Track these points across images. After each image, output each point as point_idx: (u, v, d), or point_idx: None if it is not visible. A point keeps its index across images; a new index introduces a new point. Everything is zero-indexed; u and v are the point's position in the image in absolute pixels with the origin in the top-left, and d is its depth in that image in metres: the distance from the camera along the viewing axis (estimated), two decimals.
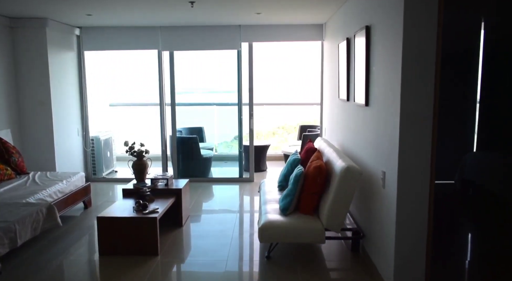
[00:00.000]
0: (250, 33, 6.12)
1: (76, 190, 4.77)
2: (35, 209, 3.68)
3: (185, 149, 6.68)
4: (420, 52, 2.58)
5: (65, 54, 5.92)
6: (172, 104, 6.39)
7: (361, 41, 3.55)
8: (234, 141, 8.75)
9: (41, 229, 3.72)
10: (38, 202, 3.86)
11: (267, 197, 4.16)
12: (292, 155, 4.55)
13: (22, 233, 3.45)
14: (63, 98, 5.84)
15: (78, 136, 6.26)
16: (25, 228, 3.51)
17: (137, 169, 4.58)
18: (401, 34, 2.58)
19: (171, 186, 4.49)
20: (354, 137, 4.00)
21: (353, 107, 3.97)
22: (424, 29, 2.56)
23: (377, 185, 3.16)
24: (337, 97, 4.89)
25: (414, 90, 2.61)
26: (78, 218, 4.78)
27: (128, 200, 4.19)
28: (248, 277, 3.38)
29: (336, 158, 3.64)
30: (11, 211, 3.58)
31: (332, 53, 5.32)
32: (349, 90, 4.21)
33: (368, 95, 3.41)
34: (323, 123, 6.26)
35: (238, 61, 6.28)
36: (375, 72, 3.22)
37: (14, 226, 3.36)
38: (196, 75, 7.46)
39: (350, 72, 4.14)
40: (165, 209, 3.90)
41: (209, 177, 6.83)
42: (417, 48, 2.58)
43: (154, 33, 6.15)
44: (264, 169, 7.27)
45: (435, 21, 2.54)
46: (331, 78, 5.38)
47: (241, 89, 6.37)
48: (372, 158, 3.33)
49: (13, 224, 3.36)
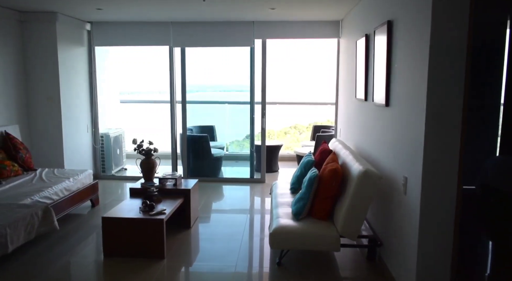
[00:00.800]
0: (263, 29, 5.94)
1: (83, 188, 4.65)
2: (29, 211, 3.42)
3: (196, 147, 6.53)
4: (449, 48, 2.38)
5: (75, 49, 5.82)
6: (182, 102, 6.25)
7: (382, 37, 3.34)
8: (245, 140, 8.60)
9: (36, 233, 3.46)
10: (33, 204, 3.63)
11: (279, 200, 3.99)
12: (306, 156, 4.36)
13: (14, 238, 3.20)
14: (73, 94, 5.74)
15: (87, 133, 6.16)
16: (18, 232, 3.25)
17: (145, 167, 4.44)
18: (429, 29, 2.38)
19: (179, 186, 4.34)
20: (372, 140, 3.80)
21: (372, 107, 3.77)
22: (454, 24, 2.36)
23: (398, 191, 2.96)
24: (353, 97, 4.69)
25: (442, 89, 2.41)
26: (84, 217, 4.67)
27: (135, 199, 4.06)
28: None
29: (352, 161, 3.44)
30: (3, 213, 3.32)
31: (349, 51, 5.11)
32: (367, 90, 4.01)
33: (389, 95, 3.21)
34: (338, 124, 6.05)
35: (251, 59, 6.10)
36: (397, 70, 3.02)
37: (5, 230, 3.11)
38: (208, 72, 7.30)
39: (369, 70, 3.93)
40: (172, 210, 3.75)
41: (219, 177, 6.68)
42: (446, 43, 2.38)
43: (165, 29, 6.01)
44: (276, 169, 7.09)
45: (466, 14, 2.33)
46: (347, 77, 5.17)
47: (253, 88, 6.19)
48: (392, 162, 3.12)
49: (4, 228, 3.10)
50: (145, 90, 10.10)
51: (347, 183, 3.29)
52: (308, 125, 10.32)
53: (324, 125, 7.89)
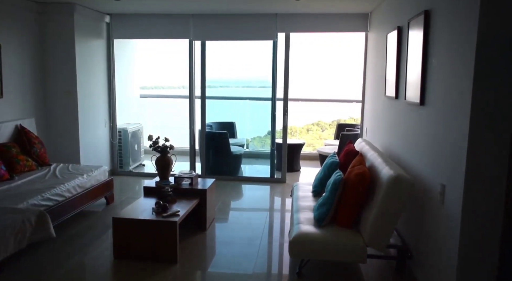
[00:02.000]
0: (287, 22, 5.67)
1: (98, 185, 4.51)
2: (20, 217, 3.08)
3: (215, 144, 6.33)
4: (500, 40, 2.06)
5: (94, 42, 5.68)
6: (202, 98, 6.05)
7: (417, 29, 3.03)
8: (267, 136, 8.35)
9: (28, 241, 3.12)
10: (27, 209, 3.30)
11: (300, 203, 3.73)
12: (330, 157, 4.09)
13: (2, 247, 2.89)
14: (90, 88, 5.61)
15: (105, 128, 6.04)
16: (5, 241, 2.92)
17: (161, 165, 4.25)
18: (476, 18, 2.07)
19: (195, 185, 4.14)
20: (403, 141, 3.49)
21: (404, 106, 3.46)
22: (506, 12, 2.04)
23: (434, 199, 2.65)
24: (382, 94, 4.37)
25: (490, 87, 2.10)
26: (98, 215, 4.53)
27: (149, 199, 3.88)
28: None
29: (381, 164, 3.15)
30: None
31: (378, 45, 4.78)
32: (398, 87, 3.69)
33: (424, 93, 2.90)
34: (364, 122, 5.73)
35: (274, 53, 5.84)
36: (435, 66, 2.71)
37: None
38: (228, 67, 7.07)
39: (401, 66, 3.62)
40: (186, 212, 3.55)
41: (238, 175, 6.46)
42: (496, 35, 2.07)
43: (185, 22, 5.81)
44: (298, 169, 6.82)
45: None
46: (376, 73, 4.85)
47: (275, 84, 5.93)
48: (427, 167, 2.82)
49: None
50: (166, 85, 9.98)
51: (376, 189, 3.01)
52: (331, 123, 10.01)
53: (348, 124, 7.56)
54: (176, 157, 4.38)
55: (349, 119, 9.95)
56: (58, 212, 3.74)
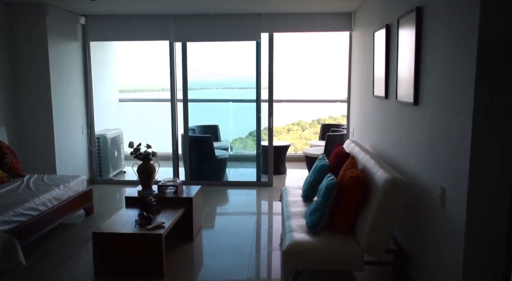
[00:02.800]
0: (270, 22, 5.52)
1: (75, 196, 4.26)
2: None
3: (198, 149, 6.13)
4: (502, 37, 1.96)
5: (69, 45, 5.41)
6: (184, 101, 5.85)
7: (409, 26, 2.93)
8: (249, 137, 8.20)
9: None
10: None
11: (291, 209, 3.58)
12: (319, 159, 3.95)
13: None
14: (66, 93, 5.34)
15: (82, 135, 5.77)
16: None
17: (143, 173, 4.04)
18: (478, 11, 1.97)
19: (180, 194, 3.94)
20: (395, 143, 3.38)
21: (395, 106, 3.36)
22: (507, 7, 1.94)
23: (432, 202, 2.55)
24: (370, 94, 4.27)
25: (494, 85, 2.00)
26: (77, 227, 4.28)
27: (132, 210, 3.67)
28: None
29: (375, 167, 3.03)
30: None
31: (364, 44, 4.69)
32: (388, 86, 3.59)
33: (418, 92, 2.79)
34: (351, 122, 5.63)
35: (257, 54, 5.69)
36: (429, 64, 2.61)
37: None
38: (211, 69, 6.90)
39: (390, 65, 3.52)
40: (172, 223, 3.36)
41: (224, 180, 6.28)
42: (498, 31, 1.96)
43: (165, 22, 5.61)
44: (284, 171, 6.68)
45: None
46: (363, 72, 4.75)
47: (260, 85, 5.78)
48: (424, 169, 2.71)
49: None
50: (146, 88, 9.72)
51: (370, 192, 2.89)
52: (311, 122, 9.96)
53: (333, 124, 7.48)
54: (159, 163, 4.18)
55: (328, 119, 9.94)
56: (32, 227, 3.49)
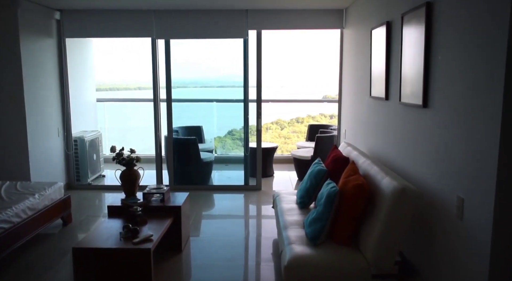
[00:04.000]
0: (258, 19, 5.29)
1: (52, 205, 3.93)
2: None
3: (183, 152, 5.84)
4: None
5: (42, 42, 5.04)
6: (168, 101, 5.55)
7: (416, 23, 2.74)
8: (228, 136, 7.94)
9: None
10: None
11: (287, 218, 3.36)
12: (315, 164, 3.75)
13: None
14: (40, 93, 4.96)
15: (58, 138, 5.40)
16: None
17: (126, 180, 3.75)
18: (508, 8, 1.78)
19: (168, 202, 3.67)
20: (400, 148, 3.20)
21: (398, 108, 3.17)
22: None
23: (447, 214, 2.36)
24: (366, 94, 4.09)
25: None
26: (54, 238, 3.95)
27: (115, 220, 3.37)
28: None
29: (379, 173, 2.84)
30: None
31: (358, 43, 4.51)
32: (388, 87, 3.41)
33: (428, 94, 2.61)
34: (342, 124, 5.46)
35: (245, 52, 5.44)
36: (442, 64, 2.42)
37: None
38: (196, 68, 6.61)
39: (392, 64, 3.34)
40: (160, 236, 3.08)
41: (209, 184, 6.01)
42: None
43: (147, 18, 5.29)
44: (271, 174, 6.47)
45: None
46: (357, 72, 4.57)
47: (247, 84, 5.54)
48: (435, 177, 2.53)
49: None
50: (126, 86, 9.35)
51: (376, 201, 2.70)
52: (290, 121, 9.85)
53: (321, 125, 7.29)
54: (144, 170, 3.89)
55: (307, 117, 9.87)
56: (4, 241, 3.16)
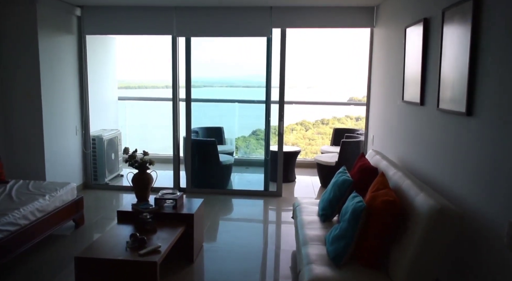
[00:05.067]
0: (282, 17, 5.02)
1: (63, 207, 3.79)
2: None
3: (202, 154, 5.65)
4: None
5: (62, 38, 4.93)
6: (187, 101, 5.36)
7: (461, 20, 2.42)
8: (252, 136, 7.71)
9: None
10: None
11: (307, 232, 3.08)
12: (340, 173, 3.46)
13: None
14: (58, 90, 4.86)
15: (76, 136, 5.29)
16: None
17: (138, 184, 3.57)
18: None
19: (180, 209, 3.46)
20: (435, 159, 2.88)
21: (436, 115, 2.85)
22: None
23: (494, 241, 2.04)
24: (398, 98, 3.77)
25: None
26: (65, 241, 3.81)
27: (124, 226, 3.19)
28: None
29: (412, 188, 2.53)
30: None
31: (390, 42, 4.18)
32: (424, 91, 3.09)
33: (473, 100, 2.29)
34: (370, 129, 5.13)
35: (268, 51, 5.19)
36: (492, 66, 2.10)
37: None
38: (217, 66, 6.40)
39: (429, 65, 3.01)
40: (169, 247, 2.87)
41: (228, 188, 5.79)
42: None
43: (168, 15, 5.11)
44: (293, 179, 6.19)
45: None
46: (388, 74, 4.25)
47: (270, 85, 5.29)
48: (480, 197, 2.21)
49: None
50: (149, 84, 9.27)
51: (409, 220, 2.39)
52: (315, 122, 9.72)
53: (347, 129, 6.95)
54: (157, 173, 3.70)
55: (332, 119, 9.69)
56: (11, 244, 3.03)
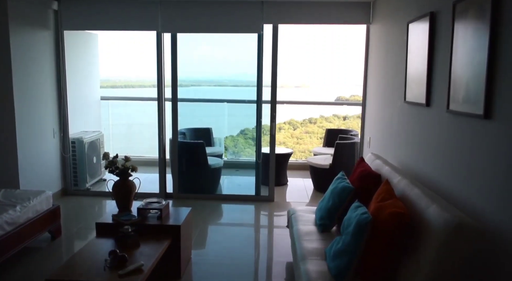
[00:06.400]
0: (275, 12, 4.75)
1: (36, 218, 3.47)
2: None
3: (189, 156, 5.35)
4: None
5: (37, 34, 4.58)
6: (173, 100, 5.06)
7: (477, 13, 2.18)
8: (240, 135, 7.45)
9: None
10: None
11: (305, 244, 2.83)
12: (338, 179, 3.21)
13: None
14: (33, 90, 4.52)
15: (54, 139, 4.95)
16: None
17: (119, 192, 3.26)
18: None
19: (166, 219, 3.17)
20: (448, 166, 2.64)
21: (446, 117, 2.61)
22: None
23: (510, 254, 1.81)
24: (399, 99, 3.53)
25: None
26: (40, 254, 3.49)
27: (104, 240, 2.90)
28: None
29: (422, 199, 2.29)
30: None
31: (390, 39, 3.95)
32: (430, 91, 2.85)
33: (492, 101, 2.05)
34: (366, 130, 4.90)
35: (259, 48, 4.92)
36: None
37: None
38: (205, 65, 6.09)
39: (436, 63, 2.78)
40: (154, 264, 2.58)
41: (217, 193, 5.51)
42: None
43: (152, 10, 4.80)
44: (285, 182, 5.94)
45: None
46: (386, 72, 4.01)
47: (261, 84, 5.02)
48: (503, 210, 1.97)
49: None
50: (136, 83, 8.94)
51: (419, 235, 2.15)
52: (303, 121, 9.64)
53: (341, 130, 6.72)
54: (143, 177, 3.41)
55: (320, 118, 9.60)
56: None
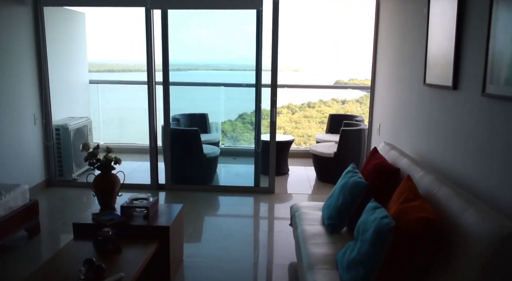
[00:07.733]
0: None
1: (10, 215, 3.10)
2: None
3: (183, 145, 4.97)
4: None
5: (12, 10, 4.13)
6: (164, 84, 4.65)
7: None
8: (238, 120, 7.09)
9: None
10: None
11: (312, 249, 2.46)
12: (349, 173, 2.84)
13: None
14: (8, 73, 4.09)
15: (35, 126, 4.55)
16: None
17: (101, 188, 2.89)
18: None
19: (153, 219, 2.80)
20: (483, 161, 2.25)
21: (481, 102, 2.20)
22: None
23: None
24: (417, 81, 3.13)
25: None
26: (14, 256, 3.13)
27: (81, 244, 2.54)
28: None
29: (455, 200, 1.93)
30: None
31: (405, 15, 3.52)
32: (458, 72, 2.45)
33: None
34: (375, 116, 4.50)
35: (258, 27, 4.49)
36: None
37: None
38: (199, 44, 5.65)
39: (466, 39, 2.37)
40: (136, 274, 2.22)
41: (213, 184, 5.14)
42: None
43: None
44: (286, 171, 5.57)
45: None
46: (400, 51, 3.60)
47: (260, 66, 4.60)
48: None
49: None
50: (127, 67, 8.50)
51: (453, 244, 1.79)
52: (301, 105, 9.45)
53: (345, 115, 6.32)
54: (125, 174, 3.03)
55: (319, 103, 9.39)
56: None
